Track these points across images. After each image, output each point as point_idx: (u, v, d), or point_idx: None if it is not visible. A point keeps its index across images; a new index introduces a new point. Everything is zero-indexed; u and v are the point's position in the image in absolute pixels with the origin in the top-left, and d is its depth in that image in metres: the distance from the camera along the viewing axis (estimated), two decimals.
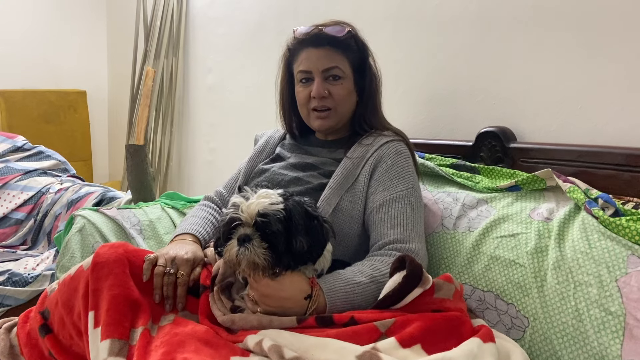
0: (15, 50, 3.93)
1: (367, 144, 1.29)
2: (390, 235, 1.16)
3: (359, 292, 1.04)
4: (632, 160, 1.12)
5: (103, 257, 1.06)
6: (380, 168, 1.24)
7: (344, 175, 1.24)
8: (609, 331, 0.95)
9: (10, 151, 2.49)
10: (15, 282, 1.74)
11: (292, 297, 1.00)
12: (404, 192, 1.21)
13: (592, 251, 1.03)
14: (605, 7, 1.22)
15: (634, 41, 1.18)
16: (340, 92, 1.28)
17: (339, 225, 1.20)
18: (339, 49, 1.28)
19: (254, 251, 0.96)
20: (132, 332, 0.98)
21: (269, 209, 0.97)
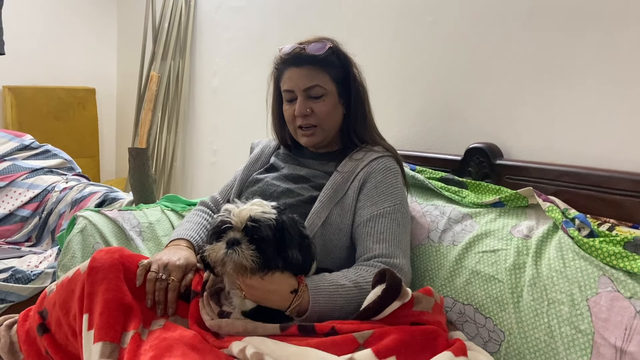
0: (26, 47, 3.99)
1: (357, 159, 1.32)
2: (375, 250, 1.20)
3: (341, 293, 1.09)
4: (611, 183, 1.16)
5: (99, 262, 1.11)
6: (369, 183, 1.28)
7: (334, 189, 1.28)
8: (578, 348, 0.99)
9: (17, 149, 2.55)
10: (18, 279, 1.80)
11: (278, 290, 1.05)
12: (391, 208, 1.25)
13: (566, 270, 1.06)
14: (590, 33, 1.25)
15: (615, 68, 1.21)
16: (323, 109, 1.32)
17: (327, 238, 1.25)
18: (319, 67, 1.31)
19: (242, 254, 0.99)
20: (124, 335, 1.03)
21: (261, 216, 1.01)
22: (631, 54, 1.18)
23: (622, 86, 1.20)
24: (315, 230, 1.23)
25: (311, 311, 1.06)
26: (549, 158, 1.33)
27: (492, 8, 1.47)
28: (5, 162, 2.47)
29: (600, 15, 1.23)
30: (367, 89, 1.39)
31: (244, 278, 1.04)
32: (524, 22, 1.39)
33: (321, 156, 1.41)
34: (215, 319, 1.10)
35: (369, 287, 1.08)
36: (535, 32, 1.36)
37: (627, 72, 1.19)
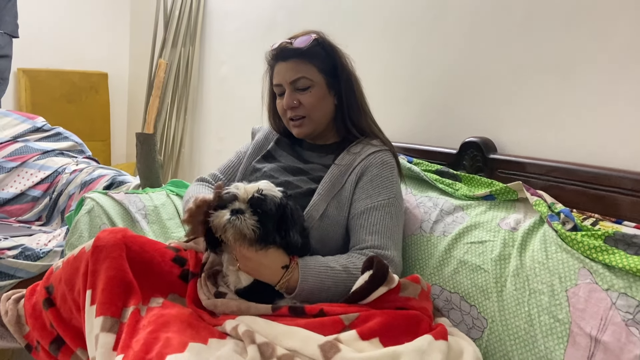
0: (42, 30, 4.05)
1: (355, 152, 1.35)
2: (368, 241, 1.24)
3: (330, 275, 1.14)
4: (597, 179, 1.19)
5: (103, 241, 1.15)
6: (366, 177, 1.31)
7: (331, 182, 1.31)
8: (555, 337, 1.03)
9: (30, 131, 2.61)
10: (28, 256, 1.87)
11: (271, 264, 1.10)
12: (385, 202, 1.28)
13: (548, 262, 1.10)
14: (583, 33, 1.28)
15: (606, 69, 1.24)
16: (309, 100, 1.35)
17: (324, 230, 1.28)
18: (305, 59, 1.34)
19: (244, 222, 1.04)
20: (124, 310, 1.08)
21: (265, 191, 1.07)
22: (620, 55, 1.21)
23: (611, 86, 1.23)
24: (313, 223, 1.27)
25: (299, 289, 1.10)
26: (540, 154, 1.36)
27: (491, 7, 1.49)
28: (18, 143, 2.54)
29: (592, 17, 1.26)
30: (358, 78, 1.40)
31: (242, 248, 1.08)
32: (520, 22, 1.42)
33: (320, 148, 1.44)
34: (211, 299, 1.15)
35: (358, 273, 1.13)
36: (531, 32, 1.39)
37: (616, 73, 1.22)
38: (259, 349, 0.96)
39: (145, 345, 0.97)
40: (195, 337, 1.00)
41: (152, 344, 0.97)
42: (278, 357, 0.94)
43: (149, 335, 1.00)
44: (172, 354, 0.92)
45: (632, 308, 0.95)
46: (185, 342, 0.96)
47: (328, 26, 2.13)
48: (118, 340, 1.03)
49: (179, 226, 1.87)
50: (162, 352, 0.94)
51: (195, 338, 0.99)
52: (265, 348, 0.96)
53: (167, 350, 0.94)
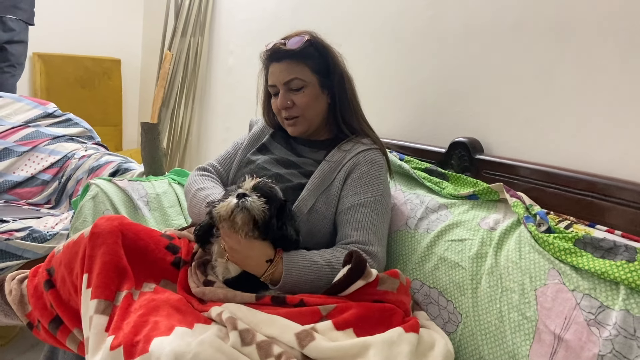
0: (57, 16, 4.12)
1: (345, 150, 1.39)
2: (353, 236, 1.28)
3: (313, 269, 1.19)
4: (574, 183, 1.23)
5: (99, 228, 1.21)
6: (354, 174, 1.35)
7: (321, 178, 1.36)
8: (522, 333, 1.08)
9: (41, 117, 2.69)
10: (35, 238, 1.94)
11: (255, 257, 1.16)
12: (371, 199, 1.32)
13: (521, 261, 1.15)
14: (570, 42, 1.31)
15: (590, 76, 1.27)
16: (303, 100, 1.39)
17: (312, 224, 1.33)
18: (298, 60, 1.37)
19: (254, 203, 1.10)
20: (117, 294, 1.14)
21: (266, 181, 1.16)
22: (601, 65, 1.23)
23: (590, 94, 1.26)
24: (302, 216, 1.32)
25: (283, 281, 1.16)
26: (524, 156, 1.40)
27: (483, 14, 1.52)
28: (29, 128, 2.62)
29: (580, 27, 1.29)
30: (351, 77, 1.44)
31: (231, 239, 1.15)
32: (512, 28, 1.45)
33: (312, 143, 1.48)
34: (200, 287, 1.21)
35: (340, 267, 1.18)
36: (522, 37, 1.42)
37: (595, 81, 1.25)
38: (240, 334, 1.01)
39: (135, 327, 1.03)
40: (182, 322, 1.05)
41: (141, 326, 1.03)
42: (257, 343, 1.00)
43: (139, 318, 1.06)
44: (158, 336, 0.98)
45: (594, 309, 0.99)
46: (172, 326, 1.01)
47: (328, 21, 2.18)
48: (110, 321, 1.08)
49: (179, 214, 1.93)
50: (149, 334, 0.99)
51: (182, 322, 1.05)
52: (246, 334, 1.02)
53: (154, 333, 1.00)
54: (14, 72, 3.24)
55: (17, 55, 3.21)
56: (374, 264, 1.26)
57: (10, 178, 2.48)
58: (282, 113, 1.43)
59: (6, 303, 1.38)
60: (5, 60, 3.18)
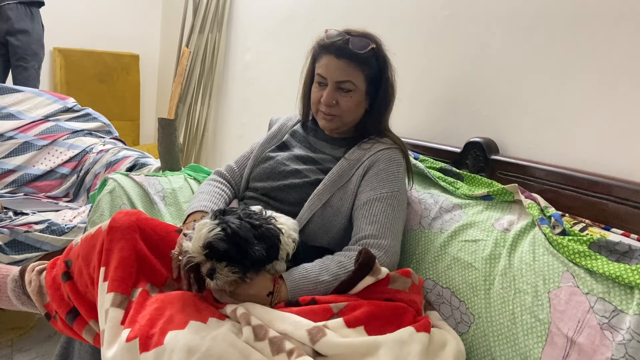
0: (78, 11, 4.19)
1: (365, 148, 1.40)
2: (367, 230, 1.29)
3: (321, 290, 1.16)
4: (591, 186, 1.22)
5: (118, 222, 1.22)
6: (372, 170, 1.36)
7: (339, 174, 1.37)
8: (535, 336, 1.08)
9: (61, 111, 2.73)
10: (54, 230, 1.98)
11: (257, 293, 1.14)
12: (388, 194, 1.33)
13: (535, 263, 1.14)
14: (587, 40, 1.30)
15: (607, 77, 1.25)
16: (348, 104, 1.39)
17: (326, 219, 1.35)
18: (357, 64, 1.35)
19: (223, 277, 1.09)
20: (133, 290, 1.15)
21: (209, 238, 1.07)
22: (621, 64, 1.22)
23: (610, 95, 1.25)
24: (316, 210, 1.33)
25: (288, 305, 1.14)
26: (539, 157, 1.39)
27: (500, 10, 1.51)
28: (49, 122, 2.66)
29: (594, 25, 1.27)
30: (395, 90, 1.44)
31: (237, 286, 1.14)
32: (527, 27, 1.44)
33: (333, 140, 1.49)
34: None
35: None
36: (540, 36, 1.41)
37: (615, 81, 1.24)
38: (253, 330, 1.03)
39: (151, 320, 1.04)
40: (197, 316, 1.06)
41: (157, 319, 1.04)
42: (270, 339, 1.01)
43: (154, 311, 1.07)
44: (173, 329, 1.00)
45: (608, 312, 0.98)
46: (187, 320, 1.03)
47: (346, 19, 2.18)
48: (126, 315, 1.10)
49: None
50: (164, 327, 1.01)
51: (196, 317, 1.06)
52: (259, 330, 1.03)
53: (169, 327, 1.01)
54: (26, 64, 3.19)
55: (23, 46, 3.15)
56: (385, 257, 1.25)
57: (30, 171, 2.52)
58: (321, 106, 1.42)
59: (24, 292, 1.41)
60: (14, 54, 3.13)
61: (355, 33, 1.38)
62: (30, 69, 3.23)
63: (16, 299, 1.41)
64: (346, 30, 1.38)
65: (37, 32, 3.27)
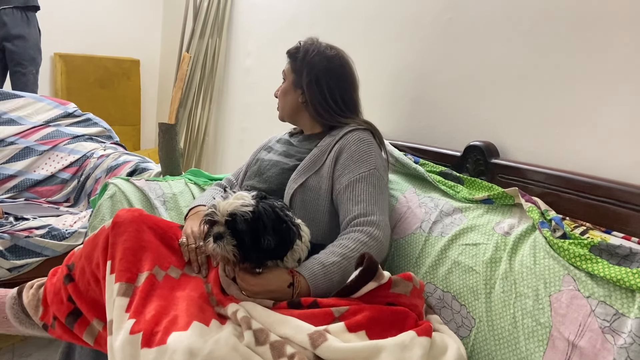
0: (78, 17, 4.20)
1: (333, 135, 1.51)
2: (354, 211, 1.35)
3: (334, 270, 1.21)
4: (591, 189, 1.21)
5: (121, 217, 1.27)
6: (345, 154, 1.44)
7: (312, 160, 1.47)
8: (536, 339, 1.07)
9: (61, 117, 2.74)
10: (54, 235, 1.98)
11: (278, 288, 1.16)
12: (366, 173, 1.39)
13: (536, 267, 1.14)
14: (587, 44, 1.30)
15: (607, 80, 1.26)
16: (279, 89, 1.64)
17: (308, 202, 1.42)
18: (289, 59, 1.61)
19: (224, 248, 1.12)
20: (139, 276, 1.17)
21: (239, 209, 1.11)
22: (621, 68, 1.22)
23: (609, 98, 1.25)
24: (294, 193, 1.42)
25: (314, 293, 1.18)
26: (539, 161, 1.39)
27: (500, 15, 1.52)
28: (50, 127, 2.67)
29: (593, 31, 1.28)
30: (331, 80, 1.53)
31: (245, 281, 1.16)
32: (527, 32, 1.44)
33: (310, 137, 1.61)
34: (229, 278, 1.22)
35: (355, 254, 1.23)
36: (536, 42, 1.41)
37: (614, 85, 1.24)
38: (254, 334, 1.03)
39: (156, 317, 1.06)
40: (200, 317, 1.07)
41: (162, 317, 1.06)
42: (271, 343, 1.01)
43: (160, 308, 1.08)
44: (177, 331, 1.01)
45: (609, 316, 0.98)
46: (190, 321, 1.04)
47: (345, 24, 2.19)
48: (131, 302, 1.12)
49: None
50: (168, 327, 1.02)
51: (199, 317, 1.07)
52: (260, 334, 1.03)
53: (173, 327, 1.02)
54: (24, 70, 3.19)
55: (20, 51, 3.15)
56: (378, 231, 1.30)
57: (31, 176, 2.53)
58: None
59: (22, 311, 1.42)
60: (11, 60, 3.13)
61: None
62: (28, 74, 3.23)
63: (14, 317, 1.42)
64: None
65: (34, 37, 3.27)
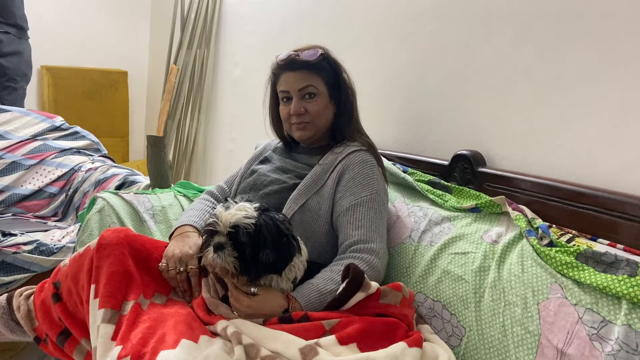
0: (64, 29, 4.18)
1: (337, 152, 1.47)
2: (354, 236, 1.32)
3: (330, 299, 1.18)
4: (577, 197, 1.23)
5: (106, 239, 1.24)
6: (347, 175, 1.40)
7: (313, 179, 1.42)
8: (525, 348, 1.08)
9: (48, 130, 2.72)
10: (42, 251, 1.96)
11: (272, 312, 1.14)
12: (367, 197, 1.37)
13: (524, 275, 1.15)
14: (571, 54, 1.32)
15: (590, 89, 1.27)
16: (315, 108, 1.46)
17: (307, 223, 1.38)
18: (312, 70, 1.45)
19: (224, 259, 1.10)
20: (124, 304, 1.16)
21: (241, 221, 1.10)
22: (606, 76, 1.24)
23: (593, 107, 1.27)
24: (293, 214, 1.36)
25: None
26: (526, 169, 1.40)
27: (485, 24, 1.54)
28: (37, 141, 2.65)
29: (580, 37, 1.29)
30: (355, 91, 1.53)
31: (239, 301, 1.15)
32: (512, 40, 1.46)
33: (310, 150, 1.55)
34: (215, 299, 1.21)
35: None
36: (524, 51, 1.43)
37: (597, 94, 1.26)
38: (244, 349, 1.03)
39: (143, 338, 1.05)
40: (189, 334, 1.06)
41: (149, 337, 1.05)
42: (262, 358, 1.01)
43: (146, 330, 1.08)
44: (165, 349, 1.00)
45: (596, 323, 0.99)
46: (178, 339, 1.03)
47: (332, 34, 2.20)
48: (117, 330, 1.11)
49: None
50: (156, 346, 1.01)
51: (188, 335, 1.06)
52: (250, 349, 1.03)
53: (161, 346, 1.02)
54: (15, 85, 3.20)
55: (13, 68, 3.16)
56: (376, 260, 1.29)
57: (18, 191, 2.50)
58: (292, 119, 1.49)
59: (12, 319, 1.40)
60: (3, 75, 3.14)
61: (303, 48, 1.48)
62: (19, 89, 3.24)
63: (4, 326, 1.40)
64: (294, 49, 1.49)
65: (27, 52, 3.29)
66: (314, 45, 1.48)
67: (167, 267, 1.27)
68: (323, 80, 1.46)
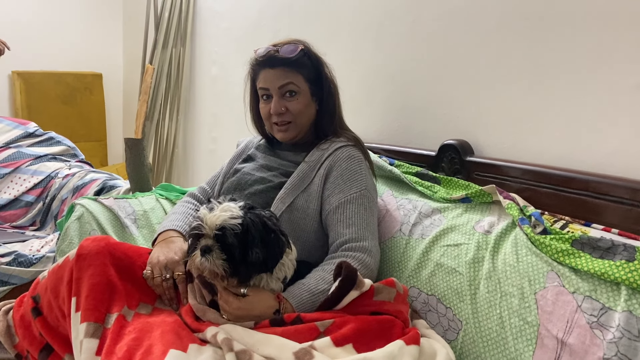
0: (35, 32, 4.07)
1: (323, 149, 1.42)
2: (345, 234, 1.29)
3: (322, 299, 1.15)
4: (568, 182, 1.21)
5: (86, 249, 1.18)
6: (335, 172, 1.36)
7: (300, 177, 1.38)
8: (524, 339, 1.06)
9: (22, 137, 2.64)
10: (21, 262, 1.90)
11: (263, 314, 1.10)
12: (357, 194, 1.33)
13: (519, 265, 1.13)
14: (555, 39, 1.30)
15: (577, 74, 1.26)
16: (297, 107, 1.41)
17: (295, 222, 1.33)
18: (292, 67, 1.39)
19: (213, 262, 1.06)
20: (107, 316, 1.11)
21: (228, 222, 1.06)
22: (592, 61, 1.22)
23: (580, 91, 1.25)
24: (281, 214, 1.32)
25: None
26: (515, 156, 1.38)
27: (467, 11, 1.51)
28: (10, 149, 2.57)
29: (561, 24, 1.27)
30: (337, 85, 1.48)
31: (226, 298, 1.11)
32: (495, 27, 1.43)
33: (295, 147, 1.50)
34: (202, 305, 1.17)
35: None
36: (508, 37, 1.40)
37: (584, 78, 1.24)
38: (236, 356, 0.99)
39: (128, 352, 1.01)
40: (177, 344, 1.02)
41: (135, 350, 1.01)
42: None
43: (132, 342, 1.03)
44: None
45: (596, 311, 0.97)
46: (166, 350, 0.99)
47: (311, 27, 2.16)
48: (101, 345, 1.06)
49: None
50: (143, 359, 0.97)
51: (176, 344, 1.02)
52: (243, 355, 0.99)
53: (148, 358, 0.97)
54: None
55: None
56: (369, 258, 1.26)
57: None
58: (272, 118, 1.44)
59: None
60: None
61: (282, 43, 1.42)
62: None
63: None
64: (272, 44, 1.43)
65: None
66: (293, 39, 1.43)
67: (152, 274, 1.22)
68: (304, 77, 1.41)
